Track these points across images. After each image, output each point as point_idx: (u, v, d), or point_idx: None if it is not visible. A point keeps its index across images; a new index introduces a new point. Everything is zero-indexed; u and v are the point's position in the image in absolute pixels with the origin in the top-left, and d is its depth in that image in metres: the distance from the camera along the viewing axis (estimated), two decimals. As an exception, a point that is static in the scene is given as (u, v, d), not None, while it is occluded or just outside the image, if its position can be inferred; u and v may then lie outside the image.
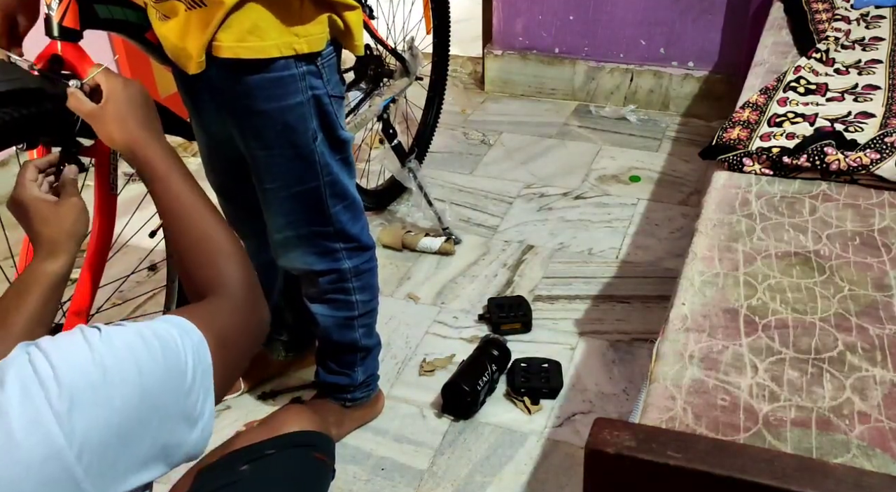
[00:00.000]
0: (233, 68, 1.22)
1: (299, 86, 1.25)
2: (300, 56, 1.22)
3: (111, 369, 0.68)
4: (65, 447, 0.63)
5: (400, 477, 1.59)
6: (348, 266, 1.49)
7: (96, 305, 1.52)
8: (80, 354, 0.68)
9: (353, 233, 1.46)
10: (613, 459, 0.75)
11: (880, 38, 1.88)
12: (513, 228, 2.34)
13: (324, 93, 1.29)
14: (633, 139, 2.80)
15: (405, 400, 1.77)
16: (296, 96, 1.26)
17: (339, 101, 1.34)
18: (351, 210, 1.44)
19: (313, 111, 1.29)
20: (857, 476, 0.72)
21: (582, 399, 1.75)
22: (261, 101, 1.25)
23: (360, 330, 1.58)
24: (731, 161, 1.41)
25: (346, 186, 1.41)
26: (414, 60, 2.20)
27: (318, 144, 1.32)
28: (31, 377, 0.65)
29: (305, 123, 1.29)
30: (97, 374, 0.67)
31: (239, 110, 1.29)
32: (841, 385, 0.95)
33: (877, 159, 1.32)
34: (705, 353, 1.00)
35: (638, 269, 2.15)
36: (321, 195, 1.38)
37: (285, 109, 1.26)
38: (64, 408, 0.64)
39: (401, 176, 2.25)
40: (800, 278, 1.13)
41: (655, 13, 2.83)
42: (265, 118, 1.27)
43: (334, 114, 1.33)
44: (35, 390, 0.64)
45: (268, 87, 1.24)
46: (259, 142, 1.32)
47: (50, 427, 0.63)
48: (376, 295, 1.60)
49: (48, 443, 0.63)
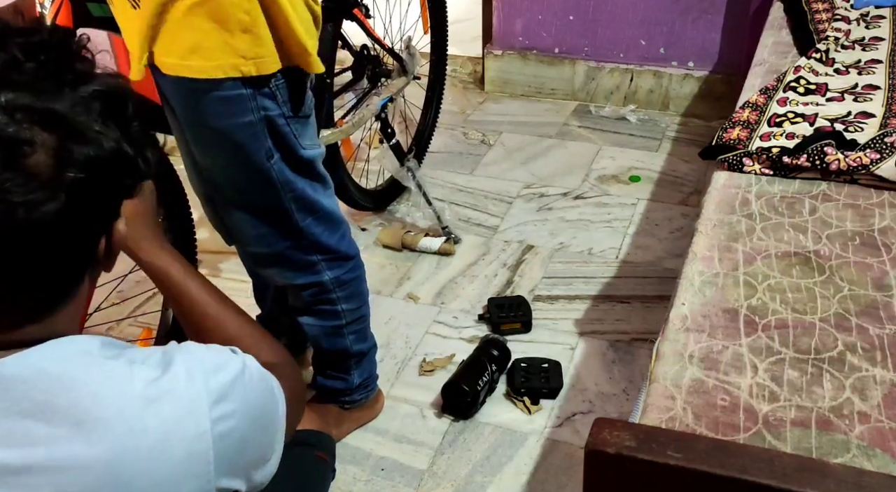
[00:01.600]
0: (181, 83, 1.19)
1: (249, 106, 1.21)
2: (249, 78, 1.18)
3: (249, 384, 0.77)
4: (208, 430, 0.71)
5: (400, 477, 1.59)
6: (329, 277, 1.46)
7: (95, 304, 1.52)
8: (228, 361, 0.77)
9: (329, 244, 1.43)
10: (613, 459, 0.75)
11: (880, 38, 1.88)
12: (513, 228, 2.34)
13: (278, 114, 1.24)
14: (633, 139, 2.80)
15: (405, 400, 1.77)
16: (245, 116, 1.21)
17: (301, 120, 1.29)
18: (324, 222, 1.40)
19: (265, 131, 1.25)
20: (857, 476, 0.72)
21: (582, 399, 1.75)
22: (210, 117, 1.22)
23: (350, 337, 1.57)
24: (731, 161, 1.41)
25: (316, 201, 1.37)
26: (411, 60, 2.20)
27: (275, 162, 1.28)
28: (197, 364, 0.73)
29: (258, 141, 1.25)
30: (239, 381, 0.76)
31: (190, 123, 1.26)
32: (841, 385, 0.95)
33: (877, 159, 1.32)
34: (705, 353, 1.00)
35: (638, 269, 2.15)
36: (287, 211, 1.34)
37: (234, 128, 1.22)
38: (214, 398, 0.72)
39: (399, 175, 2.25)
40: (800, 278, 1.13)
41: (655, 13, 2.83)
42: (216, 134, 1.24)
43: (292, 134, 1.28)
44: (197, 374, 0.72)
45: (216, 105, 1.20)
46: (212, 158, 1.30)
47: (202, 411, 0.71)
48: (365, 302, 1.57)
49: (197, 423, 0.70)
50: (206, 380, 0.72)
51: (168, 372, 0.71)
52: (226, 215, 1.39)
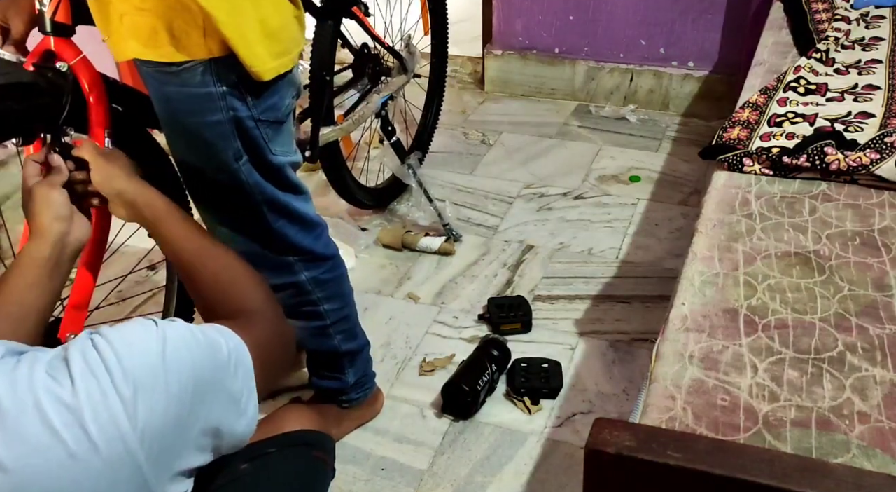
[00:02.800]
0: (153, 77, 1.19)
1: (218, 105, 1.20)
2: (218, 75, 1.17)
3: (169, 358, 0.73)
4: (129, 431, 0.67)
5: (400, 477, 1.59)
6: (306, 277, 1.44)
7: (95, 304, 1.52)
8: (142, 342, 0.72)
9: (303, 245, 1.41)
10: (613, 459, 0.75)
11: (880, 38, 1.88)
12: (513, 228, 2.34)
13: (247, 116, 1.23)
14: (633, 139, 2.80)
15: (405, 400, 1.77)
16: (213, 114, 1.21)
17: (273, 125, 1.28)
18: (298, 223, 1.39)
19: (234, 132, 1.24)
20: (857, 476, 0.72)
21: (582, 399, 1.75)
22: (180, 113, 1.22)
23: (337, 337, 1.55)
24: (731, 161, 1.41)
25: (287, 203, 1.36)
26: (411, 58, 2.20)
27: (243, 164, 1.27)
28: (96, 361, 0.69)
29: (226, 141, 1.24)
30: (157, 361, 0.71)
31: (164, 119, 1.26)
32: (841, 385, 0.95)
33: (877, 159, 1.32)
34: (705, 353, 1.00)
35: (638, 269, 2.15)
36: (258, 212, 1.33)
37: (203, 126, 1.22)
38: (129, 393, 0.68)
39: (400, 173, 2.25)
40: (800, 278, 1.13)
41: (655, 13, 2.83)
42: (186, 131, 1.24)
43: (262, 138, 1.27)
44: (101, 373, 0.68)
45: (185, 101, 1.20)
46: (185, 155, 1.30)
47: (116, 411, 0.67)
48: (348, 302, 1.56)
49: (114, 426, 0.66)
50: (112, 376, 0.68)
51: (68, 377, 0.67)
52: (201, 212, 1.39)
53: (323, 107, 1.87)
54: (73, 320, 1.34)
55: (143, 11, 1.12)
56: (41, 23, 1.25)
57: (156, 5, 1.12)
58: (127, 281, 1.80)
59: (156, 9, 1.12)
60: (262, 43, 1.18)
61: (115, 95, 1.34)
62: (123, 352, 0.70)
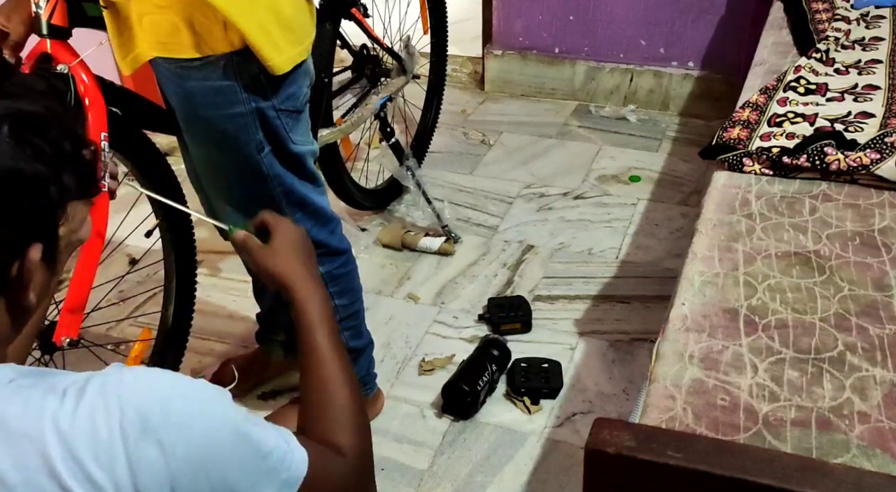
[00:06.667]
0: (174, 74, 1.20)
1: (240, 97, 1.22)
2: (239, 67, 1.19)
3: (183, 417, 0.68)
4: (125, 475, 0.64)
5: (400, 477, 1.59)
6: (321, 272, 1.45)
7: (95, 304, 1.52)
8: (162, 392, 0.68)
9: (319, 239, 1.42)
10: (613, 459, 0.75)
11: (880, 38, 1.88)
12: (513, 228, 2.34)
13: (268, 106, 1.25)
14: (633, 139, 2.80)
15: (405, 400, 1.77)
16: (236, 107, 1.23)
17: (293, 115, 1.30)
18: (314, 217, 1.41)
19: (257, 123, 1.26)
20: (857, 476, 0.72)
21: (582, 399, 1.75)
22: (202, 107, 1.23)
23: (345, 333, 1.56)
24: (731, 161, 1.41)
25: (306, 195, 1.38)
26: (411, 59, 2.20)
27: (265, 155, 1.29)
28: (113, 396, 0.65)
29: (248, 133, 1.26)
30: (170, 415, 0.67)
31: (184, 115, 1.27)
32: (841, 385, 0.95)
33: (877, 159, 1.32)
34: (705, 353, 1.00)
35: (638, 269, 2.15)
36: (277, 205, 1.34)
37: (225, 119, 1.24)
38: (134, 432, 0.65)
39: (399, 174, 2.25)
40: (800, 278, 1.13)
41: (655, 13, 2.82)
42: (208, 125, 1.25)
43: (283, 128, 1.29)
44: (114, 409, 0.65)
45: (207, 95, 1.22)
46: (205, 150, 1.31)
47: (116, 451, 0.64)
48: (358, 297, 1.57)
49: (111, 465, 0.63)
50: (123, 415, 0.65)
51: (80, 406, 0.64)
52: (219, 208, 1.40)
53: (321, 108, 1.87)
54: (68, 324, 1.33)
55: (164, 9, 1.15)
56: (38, 26, 1.25)
57: (176, 2, 1.13)
58: (127, 281, 1.80)
59: (176, 6, 1.14)
60: (280, 33, 1.20)
61: (113, 98, 1.34)
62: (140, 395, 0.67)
